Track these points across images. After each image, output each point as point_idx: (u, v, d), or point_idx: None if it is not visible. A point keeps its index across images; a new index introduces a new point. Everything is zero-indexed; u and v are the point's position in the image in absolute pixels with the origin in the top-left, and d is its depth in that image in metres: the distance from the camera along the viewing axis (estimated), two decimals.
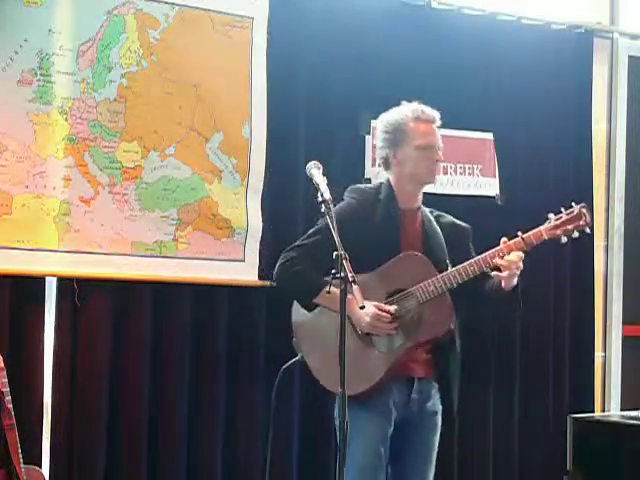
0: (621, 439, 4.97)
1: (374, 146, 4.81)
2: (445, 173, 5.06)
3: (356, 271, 3.27)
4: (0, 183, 4.05)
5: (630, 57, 5.62)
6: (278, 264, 3.49)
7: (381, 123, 3.61)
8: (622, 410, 5.42)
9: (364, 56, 4.81)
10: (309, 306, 3.44)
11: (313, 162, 3.41)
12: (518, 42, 5.19)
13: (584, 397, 5.35)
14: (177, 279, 4.35)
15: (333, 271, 3.11)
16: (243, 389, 4.49)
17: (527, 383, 5.22)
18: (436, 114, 3.63)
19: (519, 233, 3.56)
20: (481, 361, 5.10)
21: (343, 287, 3.04)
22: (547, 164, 5.32)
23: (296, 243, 3.51)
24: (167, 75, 4.37)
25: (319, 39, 4.72)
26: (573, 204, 3.60)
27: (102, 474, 4.22)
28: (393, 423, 3.45)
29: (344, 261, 3.07)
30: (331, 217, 3.20)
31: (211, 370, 4.46)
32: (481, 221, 5.07)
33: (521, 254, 3.48)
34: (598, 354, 5.46)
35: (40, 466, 4.03)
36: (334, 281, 2.99)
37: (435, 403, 3.56)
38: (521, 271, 3.49)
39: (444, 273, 3.45)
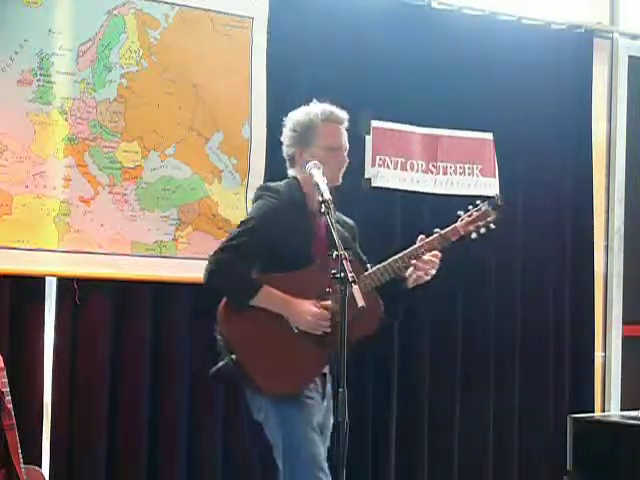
0: (621, 439, 4.97)
1: (373, 146, 4.86)
2: (445, 173, 5.06)
3: (277, 271, 3.35)
4: (0, 183, 4.06)
5: (630, 57, 5.62)
6: (208, 267, 3.41)
7: (290, 121, 3.58)
8: (622, 410, 5.42)
9: (364, 56, 4.81)
10: (245, 307, 3.39)
11: (313, 162, 3.42)
12: (518, 42, 5.19)
13: (584, 397, 5.35)
14: (177, 279, 4.35)
15: (333, 271, 3.11)
16: (243, 389, 4.48)
17: (527, 383, 5.22)
18: (345, 115, 3.59)
19: (437, 230, 3.56)
20: (481, 361, 5.11)
21: (343, 287, 3.05)
22: (547, 164, 5.32)
23: (225, 245, 3.44)
24: (167, 75, 4.37)
25: (319, 39, 4.72)
26: (479, 202, 3.61)
27: (102, 474, 4.22)
28: (322, 415, 3.48)
29: (344, 261, 3.07)
30: (331, 217, 3.20)
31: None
32: None
33: (438, 253, 3.53)
34: (598, 354, 5.46)
35: (40, 466, 4.03)
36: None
37: (330, 393, 3.58)
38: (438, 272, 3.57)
39: (372, 270, 3.46)
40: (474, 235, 3.60)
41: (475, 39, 5.09)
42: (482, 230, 3.59)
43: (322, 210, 3.23)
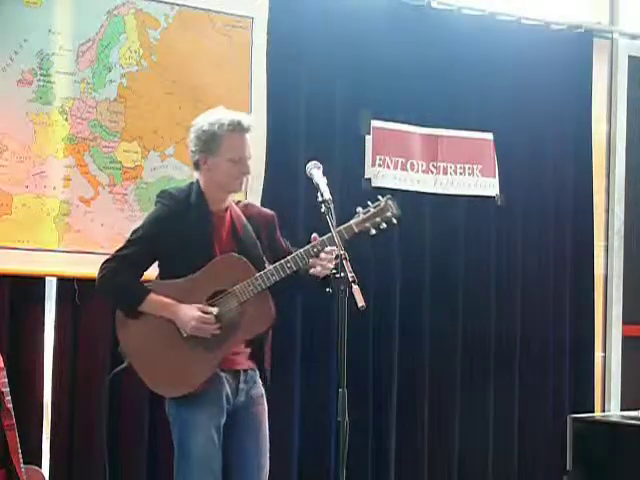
0: (621, 439, 4.96)
1: (373, 146, 4.86)
2: (445, 173, 5.06)
3: (177, 276, 3.41)
4: (0, 183, 4.06)
5: (630, 57, 5.61)
6: (98, 275, 3.49)
7: (196, 127, 3.56)
8: (622, 410, 5.42)
9: (364, 56, 4.81)
10: (133, 314, 3.46)
11: (313, 162, 3.42)
12: (518, 42, 5.19)
13: (584, 397, 5.35)
14: None
15: (333, 271, 3.10)
16: None
17: (527, 383, 5.22)
18: (251, 122, 3.57)
19: (332, 228, 3.52)
20: (481, 361, 5.11)
21: (343, 287, 3.05)
22: (547, 164, 5.32)
23: (114, 254, 3.51)
24: (167, 75, 4.37)
25: (319, 39, 4.72)
26: (380, 197, 3.56)
27: (102, 474, 4.21)
28: (225, 413, 3.50)
29: (344, 261, 3.07)
30: (331, 217, 3.20)
31: None
32: (481, 221, 5.12)
33: (333, 248, 3.42)
34: (598, 354, 5.46)
35: (40, 466, 4.03)
36: None
37: (260, 388, 3.60)
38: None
39: (262, 272, 3.47)
40: (373, 231, 3.55)
41: (475, 39, 5.08)
42: (382, 226, 3.55)
43: (322, 210, 3.23)
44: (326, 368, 4.61)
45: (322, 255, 3.45)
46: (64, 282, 4.20)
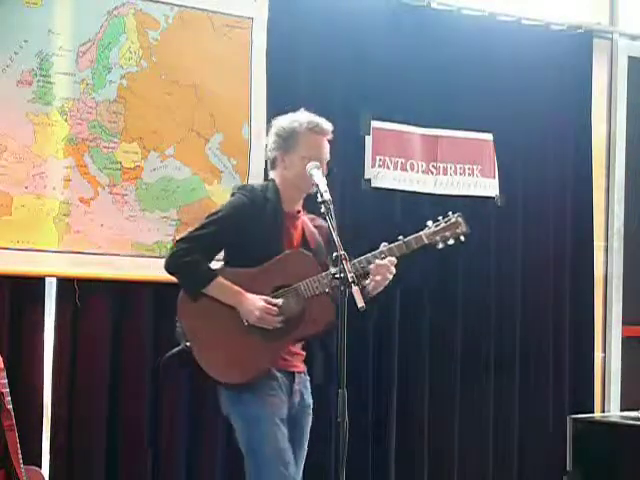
0: (621, 439, 4.97)
1: (373, 146, 4.86)
2: (445, 174, 5.06)
3: (243, 265, 3.43)
4: (0, 183, 4.06)
5: (630, 57, 5.62)
6: (169, 253, 3.54)
7: (274, 126, 3.62)
8: (622, 410, 5.43)
9: (364, 56, 4.82)
10: (196, 296, 3.48)
11: (313, 162, 3.43)
12: (518, 43, 5.19)
13: (584, 397, 5.36)
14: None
15: (333, 271, 3.11)
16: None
17: (527, 383, 5.22)
18: (330, 127, 3.62)
19: (400, 237, 3.56)
20: (481, 361, 5.11)
21: (343, 288, 3.05)
22: (547, 165, 5.32)
23: (188, 234, 3.54)
24: (167, 75, 4.38)
25: (319, 39, 4.72)
26: (450, 213, 3.62)
27: (102, 474, 4.22)
28: (286, 408, 3.50)
29: (344, 261, 3.07)
30: (331, 217, 3.21)
31: None
32: (481, 222, 5.11)
33: (393, 259, 3.51)
34: (598, 354, 5.46)
35: (40, 466, 4.03)
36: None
37: (309, 396, 3.62)
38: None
39: (325, 273, 3.48)
40: (440, 245, 3.59)
41: (475, 40, 5.08)
42: (450, 241, 3.59)
43: (322, 210, 3.25)
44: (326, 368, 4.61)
45: (379, 261, 3.46)
46: (64, 282, 4.20)
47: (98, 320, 4.24)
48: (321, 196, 3.26)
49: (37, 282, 4.18)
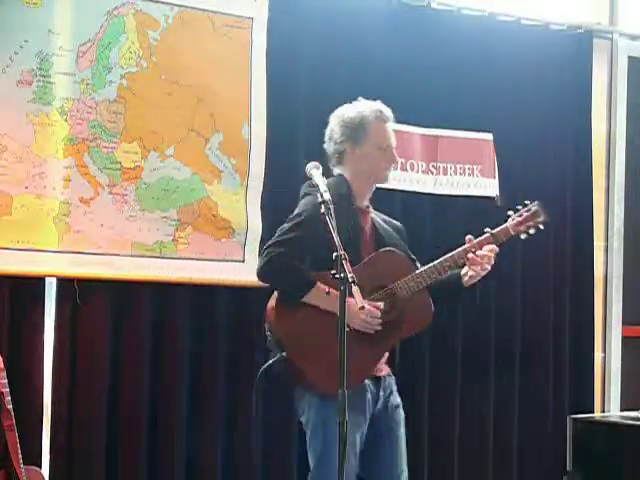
0: (621, 439, 4.97)
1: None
2: (445, 174, 5.07)
3: (322, 267, 3.27)
4: (0, 183, 4.06)
5: (630, 57, 5.62)
6: (264, 259, 3.38)
7: (339, 118, 3.56)
8: (622, 410, 5.43)
9: (364, 56, 4.81)
10: (297, 302, 3.36)
11: (313, 162, 3.42)
12: (518, 43, 5.19)
13: (584, 397, 5.36)
14: (177, 279, 4.36)
15: (333, 271, 3.11)
16: (243, 389, 4.48)
17: (527, 383, 5.22)
18: (391, 114, 3.60)
19: (487, 229, 3.56)
20: (481, 361, 5.11)
21: (343, 288, 3.05)
22: (547, 164, 5.32)
23: (277, 239, 3.41)
24: (167, 76, 4.37)
25: (319, 39, 4.72)
26: (528, 202, 3.63)
27: (102, 474, 4.22)
28: (368, 419, 3.45)
29: (344, 262, 3.07)
30: (331, 217, 3.20)
31: (211, 370, 4.46)
32: (481, 222, 5.10)
33: (495, 248, 3.50)
34: (598, 354, 5.46)
35: (40, 466, 4.03)
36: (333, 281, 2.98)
37: (396, 396, 3.58)
38: (494, 271, 3.54)
39: (422, 269, 3.45)
40: (523, 236, 3.58)
41: (474, 40, 5.09)
42: (531, 231, 3.57)
43: (322, 211, 3.22)
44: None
45: (480, 252, 3.43)
46: (64, 282, 4.20)
47: (98, 320, 4.24)
48: (321, 196, 3.25)
49: (37, 282, 4.18)
